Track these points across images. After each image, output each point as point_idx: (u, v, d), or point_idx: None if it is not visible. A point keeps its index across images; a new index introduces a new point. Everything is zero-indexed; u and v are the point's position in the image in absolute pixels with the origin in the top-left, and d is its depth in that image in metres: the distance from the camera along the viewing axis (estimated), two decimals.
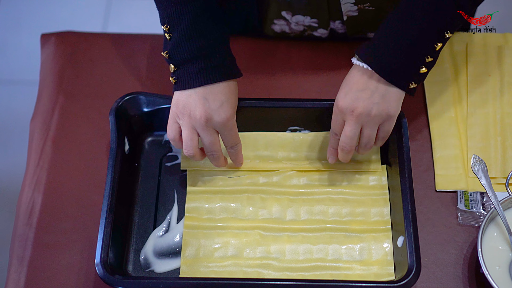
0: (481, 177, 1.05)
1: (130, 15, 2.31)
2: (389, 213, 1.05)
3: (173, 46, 1.01)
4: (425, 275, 1.02)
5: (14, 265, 1.05)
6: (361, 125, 0.99)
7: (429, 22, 0.95)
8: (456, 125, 1.15)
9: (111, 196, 1.00)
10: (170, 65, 1.02)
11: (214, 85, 1.00)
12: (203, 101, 0.99)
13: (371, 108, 0.98)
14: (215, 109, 1.00)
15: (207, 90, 1.00)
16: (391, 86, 0.98)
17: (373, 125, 1.00)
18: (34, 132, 1.17)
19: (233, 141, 1.04)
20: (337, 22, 1.20)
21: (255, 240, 1.02)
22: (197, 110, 0.99)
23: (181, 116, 1.01)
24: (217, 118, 1.00)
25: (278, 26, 1.22)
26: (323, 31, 1.22)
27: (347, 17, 1.18)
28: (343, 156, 1.03)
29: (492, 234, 1.02)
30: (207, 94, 1.00)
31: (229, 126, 1.02)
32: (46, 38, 1.27)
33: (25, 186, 1.12)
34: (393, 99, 0.98)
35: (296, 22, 1.20)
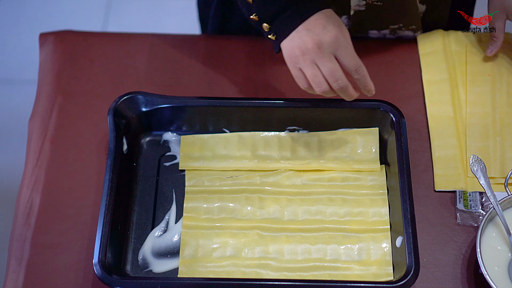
0: (480, 177, 1.04)
1: (130, 15, 2.31)
2: (388, 213, 1.05)
3: (259, 5, 1.01)
4: (424, 275, 1.02)
5: (13, 265, 1.04)
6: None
7: None
8: (455, 125, 1.15)
9: (109, 196, 1.00)
10: (263, 24, 1.02)
11: (310, 18, 0.99)
12: (306, 33, 0.99)
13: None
14: (321, 33, 0.98)
15: (305, 25, 0.99)
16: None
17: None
18: (33, 132, 1.17)
19: (354, 63, 1.00)
20: (344, 17, 1.20)
21: (254, 240, 1.02)
22: (306, 44, 0.98)
23: (296, 59, 1.00)
24: (326, 39, 0.98)
25: None
26: None
27: (354, 12, 1.18)
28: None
29: (491, 234, 1.02)
30: (307, 27, 0.99)
31: (343, 44, 0.99)
32: (45, 37, 1.27)
33: (24, 186, 1.11)
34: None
35: None
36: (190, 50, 1.24)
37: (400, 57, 1.22)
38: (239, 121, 1.11)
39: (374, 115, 1.10)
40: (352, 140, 1.10)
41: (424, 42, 1.24)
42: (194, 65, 1.22)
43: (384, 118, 1.09)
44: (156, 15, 2.31)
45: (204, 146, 1.11)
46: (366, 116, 1.10)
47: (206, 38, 1.28)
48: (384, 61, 1.22)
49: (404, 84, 1.20)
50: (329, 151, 1.10)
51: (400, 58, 1.22)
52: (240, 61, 1.23)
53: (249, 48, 1.24)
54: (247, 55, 1.23)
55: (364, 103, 1.09)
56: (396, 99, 1.17)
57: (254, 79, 1.21)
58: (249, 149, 1.10)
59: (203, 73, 1.21)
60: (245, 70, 1.22)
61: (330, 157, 1.09)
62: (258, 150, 1.10)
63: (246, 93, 1.19)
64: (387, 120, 1.09)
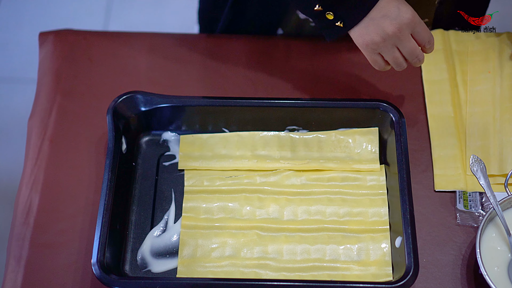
0: (479, 177, 1.04)
1: (131, 14, 2.31)
2: (387, 213, 1.04)
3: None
4: (424, 275, 1.02)
5: (11, 265, 1.04)
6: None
7: None
8: (455, 124, 1.14)
9: (108, 195, 1.00)
10: (327, 13, 1.03)
11: (378, 3, 1.00)
12: (383, 19, 1.00)
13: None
14: (398, 16, 1.00)
15: (378, 10, 1.00)
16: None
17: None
18: (32, 131, 1.17)
19: (428, 35, 1.03)
20: None
21: (253, 240, 1.02)
22: (386, 30, 1.00)
23: (376, 46, 1.02)
24: (405, 21, 1.00)
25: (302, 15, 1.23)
26: None
27: None
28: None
29: (491, 235, 1.02)
30: (379, 14, 1.01)
31: (418, 21, 1.01)
32: (44, 36, 1.27)
33: (23, 185, 1.11)
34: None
35: None
36: (189, 50, 1.24)
37: None
38: (239, 120, 1.11)
39: (374, 115, 1.09)
40: (351, 140, 1.10)
41: None
42: (193, 65, 1.22)
43: (384, 117, 1.08)
44: (157, 14, 2.31)
45: (203, 146, 1.11)
46: (366, 115, 1.10)
47: (206, 37, 1.28)
48: None
49: (404, 83, 1.20)
50: (328, 151, 1.10)
51: None
52: (240, 60, 1.23)
53: (249, 48, 1.24)
54: (247, 55, 1.23)
55: (364, 103, 1.09)
56: (396, 99, 1.17)
57: (254, 78, 1.20)
58: (248, 149, 1.10)
59: (203, 73, 1.21)
60: (245, 70, 1.22)
61: (329, 157, 1.09)
62: (257, 150, 1.10)
63: (245, 93, 1.19)
64: (387, 120, 1.08)
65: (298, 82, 1.20)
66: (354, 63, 1.21)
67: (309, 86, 1.19)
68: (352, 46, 1.20)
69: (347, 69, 1.21)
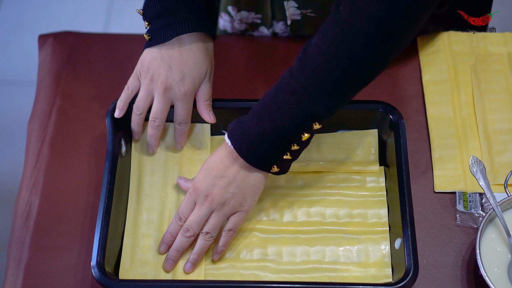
0: (479, 178, 1.04)
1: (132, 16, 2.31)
2: (387, 214, 1.04)
3: (146, 1, 1.03)
4: (424, 276, 1.02)
5: (11, 268, 1.04)
6: (211, 212, 0.97)
7: (299, 111, 0.91)
8: (455, 125, 1.14)
9: (107, 198, 1.00)
10: (145, 22, 1.04)
11: (182, 53, 1.01)
12: (167, 69, 1.01)
13: (226, 198, 0.96)
14: (177, 80, 1.01)
15: (173, 57, 1.01)
16: (252, 171, 0.96)
17: (223, 215, 0.97)
18: (32, 134, 1.17)
19: (182, 118, 1.04)
20: (281, 24, 1.21)
21: (252, 242, 1.02)
22: (159, 77, 1.01)
23: (143, 76, 1.03)
24: (175, 90, 1.01)
25: (222, 22, 1.23)
26: (265, 30, 1.23)
27: (291, 21, 1.19)
28: (180, 243, 0.98)
29: (491, 236, 1.02)
30: (172, 63, 1.01)
31: (186, 101, 1.03)
32: (44, 39, 1.27)
33: (23, 188, 1.11)
34: (251, 190, 0.97)
35: (240, 19, 1.21)
36: None
37: (399, 58, 1.22)
38: None
39: (373, 117, 1.09)
40: (351, 142, 1.10)
41: (424, 42, 1.23)
42: None
43: (383, 119, 1.08)
44: None
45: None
46: (365, 117, 1.10)
47: None
48: None
49: (403, 85, 1.20)
50: (328, 153, 1.09)
51: (400, 58, 1.22)
52: (239, 62, 1.23)
53: (247, 49, 1.24)
54: (246, 56, 1.23)
55: (363, 105, 1.09)
56: (395, 100, 1.16)
57: (253, 80, 1.20)
58: None
59: None
60: (243, 71, 1.22)
61: (329, 158, 1.09)
62: None
63: (244, 94, 1.19)
64: (386, 121, 1.08)
65: None
66: None
67: None
68: None
69: None
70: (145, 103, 1.04)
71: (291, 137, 0.93)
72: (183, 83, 1.02)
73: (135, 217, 1.03)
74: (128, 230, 1.02)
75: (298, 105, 0.91)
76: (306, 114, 0.91)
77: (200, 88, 1.05)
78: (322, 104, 0.91)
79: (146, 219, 1.03)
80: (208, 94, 1.06)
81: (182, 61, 1.02)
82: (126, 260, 1.00)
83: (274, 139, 0.93)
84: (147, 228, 1.02)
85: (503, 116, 1.14)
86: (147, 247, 1.01)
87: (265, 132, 0.93)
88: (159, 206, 1.04)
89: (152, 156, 1.08)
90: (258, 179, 0.97)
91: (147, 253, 1.01)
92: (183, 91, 1.02)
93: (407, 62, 1.22)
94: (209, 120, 1.06)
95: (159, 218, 1.03)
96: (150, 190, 1.06)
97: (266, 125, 0.92)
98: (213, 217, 0.97)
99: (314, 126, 0.93)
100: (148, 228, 1.02)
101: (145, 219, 1.03)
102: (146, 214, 1.04)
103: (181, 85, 1.01)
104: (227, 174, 0.96)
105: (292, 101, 0.91)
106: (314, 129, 0.93)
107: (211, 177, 0.96)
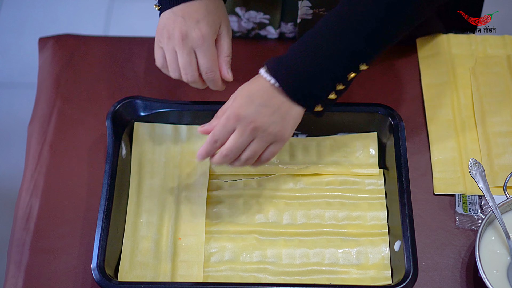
0: (478, 180, 1.04)
1: (132, 18, 2.31)
2: (386, 217, 1.04)
3: None
4: (423, 279, 1.02)
5: (12, 270, 1.04)
6: (253, 138, 0.96)
7: (345, 50, 0.93)
8: (454, 128, 1.14)
9: (107, 200, 1.00)
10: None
11: (192, 3, 1.00)
12: (180, 20, 0.99)
13: (269, 126, 0.95)
14: (191, 26, 0.99)
15: (185, 9, 1.00)
16: (295, 105, 0.96)
17: (264, 143, 0.96)
18: (32, 136, 1.17)
19: (206, 66, 1.01)
20: (290, 24, 1.22)
21: (252, 244, 1.02)
22: (175, 30, 0.99)
23: (162, 39, 1.01)
24: (193, 35, 0.99)
25: None
26: (271, 30, 1.22)
27: (300, 20, 1.18)
28: (220, 160, 0.97)
29: (490, 238, 1.02)
30: (185, 13, 0.99)
31: (206, 46, 1.00)
32: (44, 41, 1.27)
33: (23, 190, 1.12)
34: (292, 121, 0.96)
35: (248, 18, 1.21)
36: None
37: (398, 60, 1.22)
38: None
39: (372, 119, 1.09)
40: (350, 145, 1.10)
41: (424, 45, 1.24)
42: None
43: (383, 122, 1.09)
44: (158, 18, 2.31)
45: None
46: (364, 120, 1.10)
47: None
48: (382, 64, 1.22)
49: (403, 87, 1.20)
50: (327, 156, 1.10)
51: (399, 61, 1.22)
52: (239, 64, 1.22)
53: (247, 51, 1.24)
54: (247, 59, 1.23)
55: (363, 107, 1.09)
56: (395, 103, 1.17)
57: None
58: None
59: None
60: (243, 73, 1.21)
61: (328, 161, 1.09)
62: None
63: None
64: (385, 124, 1.08)
65: None
66: None
67: None
68: None
69: None
70: (173, 65, 1.01)
71: (338, 76, 0.94)
72: (199, 27, 0.99)
73: (135, 219, 1.03)
74: (128, 232, 1.02)
75: (346, 44, 0.93)
76: (353, 53, 0.93)
77: (220, 42, 1.03)
78: (368, 43, 0.93)
79: (146, 221, 1.03)
80: (228, 49, 1.04)
81: (195, 9, 1.00)
82: (126, 262, 1.00)
83: (322, 78, 0.94)
84: (146, 230, 1.03)
85: (502, 119, 1.14)
86: (147, 249, 1.01)
87: (313, 70, 0.93)
88: (159, 208, 1.04)
89: (152, 158, 1.09)
90: (299, 113, 0.96)
91: (146, 255, 1.01)
92: (200, 34, 0.99)
93: (407, 65, 1.22)
94: (226, 76, 1.04)
95: (159, 221, 1.03)
96: (150, 193, 1.06)
97: (313, 63, 0.93)
98: (253, 144, 0.96)
99: (360, 67, 0.95)
100: (148, 230, 1.03)
101: (145, 221, 1.03)
102: (145, 216, 1.04)
103: (197, 29, 0.99)
104: (271, 103, 0.95)
105: (339, 41, 0.93)
106: (360, 70, 0.95)
107: (255, 105, 0.95)
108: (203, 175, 1.07)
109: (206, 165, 1.08)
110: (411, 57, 1.23)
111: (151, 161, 1.08)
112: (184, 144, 1.10)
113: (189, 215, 1.04)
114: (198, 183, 1.07)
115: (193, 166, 1.08)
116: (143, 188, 1.06)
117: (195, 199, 1.05)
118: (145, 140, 1.09)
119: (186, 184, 1.07)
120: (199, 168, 1.08)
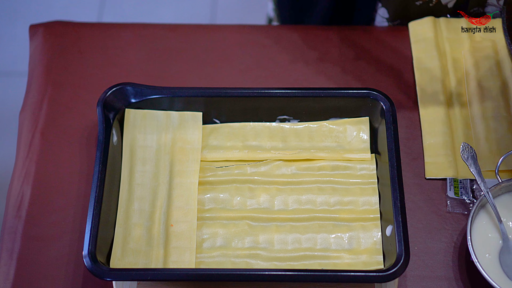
0: (470, 164, 1.04)
1: (126, 5, 2.30)
2: (378, 202, 1.04)
3: None
4: (415, 263, 1.02)
5: (4, 258, 1.04)
6: None
7: None
8: (446, 112, 1.14)
9: (98, 187, 1.00)
10: None
11: None
12: None
13: None
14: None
15: None
16: None
17: None
18: (23, 124, 1.17)
19: None
20: None
21: (244, 230, 1.02)
22: None
23: None
24: None
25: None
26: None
27: None
28: None
29: (482, 222, 1.02)
30: None
31: None
32: (35, 29, 1.26)
33: (15, 178, 1.11)
34: None
35: None
36: (180, 41, 1.24)
37: (391, 45, 1.22)
38: (229, 111, 1.11)
39: (364, 104, 1.09)
40: (342, 130, 1.10)
41: (415, 29, 1.23)
42: (184, 56, 1.22)
43: (375, 106, 1.08)
44: (152, 5, 2.30)
45: None
46: (356, 104, 1.09)
47: (196, 28, 1.28)
48: (374, 49, 1.21)
49: (394, 72, 1.19)
50: (319, 141, 1.09)
51: (391, 45, 1.22)
52: (231, 50, 1.23)
53: (239, 38, 1.24)
54: (237, 45, 1.23)
55: (354, 92, 1.09)
56: (386, 87, 1.16)
57: (244, 68, 1.20)
58: (239, 140, 1.10)
59: (193, 64, 1.21)
60: (235, 60, 1.22)
61: (320, 146, 1.09)
62: (248, 140, 1.10)
63: (236, 83, 1.19)
64: (377, 109, 1.08)
65: (288, 71, 1.20)
66: (344, 53, 1.21)
67: (300, 76, 1.19)
68: (342, 35, 1.20)
69: (337, 58, 1.21)
70: None
71: None
72: None
73: (127, 206, 1.03)
74: (120, 219, 1.02)
75: None
76: None
77: None
78: None
79: (138, 209, 1.03)
80: None
81: None
82: (118, 249, 1.00)
83: None
84: (138, 217, 1.03)
85: (494, 103, 1.14)
86: (139, 236, 1.01)
87: None
88: (151, 195, 1.04)
89: (144, 145, 1.08)
90: None
91: (138, 242, 1.01)
92: None
93: (399, 49, 1.22)
94: None
95: (151, 208, 1.03)
96: (142, 180, 1.06)
97: None
98: None
99: None
100: (140, 217, 1.03)
101: (137, 208, 1.03)
102: (137, 204, 1.04)
103: None
104: None
105: None
106: None
107: None
108: (194, 162, 1.07)
109: (197, 151, 1.08)
110: (403, 41, 1.23)
111: (142, 148, 1.08)
112: (176, 131, 1.09)
113: (181, 201, 1.04)
114: (189, 170, 1.07)
115: (185, 152, 1.08)
116: (135, 175, 1.06)
117: (187, 185, 1.05)
118: (136, 126, 1.08)
119: (177, 170, 1.06)
120: (191, 155, 1.07)
